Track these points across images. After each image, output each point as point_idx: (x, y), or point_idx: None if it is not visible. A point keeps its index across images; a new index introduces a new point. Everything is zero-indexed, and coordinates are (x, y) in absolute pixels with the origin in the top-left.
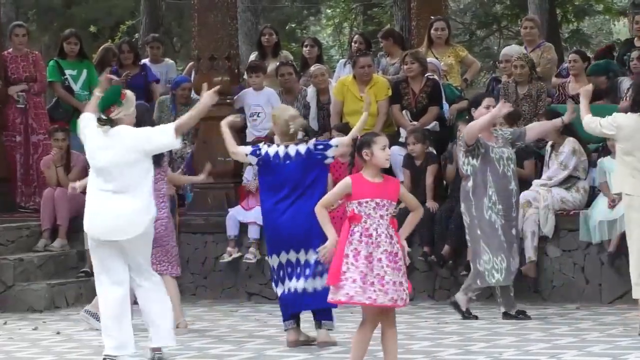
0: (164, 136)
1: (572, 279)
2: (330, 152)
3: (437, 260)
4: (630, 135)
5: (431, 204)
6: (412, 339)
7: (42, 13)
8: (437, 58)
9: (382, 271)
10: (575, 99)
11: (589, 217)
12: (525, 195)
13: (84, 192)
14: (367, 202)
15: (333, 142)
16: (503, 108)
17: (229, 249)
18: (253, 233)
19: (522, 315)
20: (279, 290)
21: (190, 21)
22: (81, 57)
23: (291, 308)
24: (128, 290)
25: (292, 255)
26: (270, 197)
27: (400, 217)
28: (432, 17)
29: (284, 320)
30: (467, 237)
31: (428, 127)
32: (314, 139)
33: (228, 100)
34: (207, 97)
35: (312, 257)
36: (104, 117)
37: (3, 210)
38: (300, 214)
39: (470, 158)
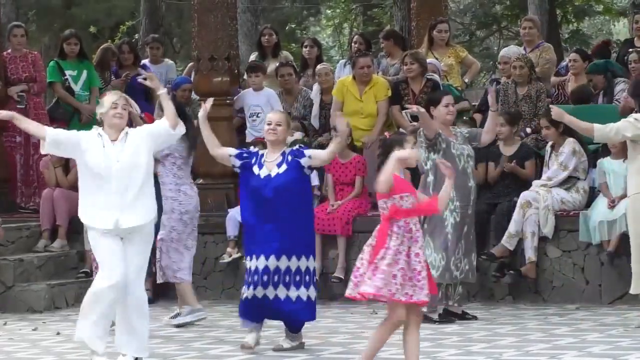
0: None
1: (572, 280)
2: (303, 161)
3: None
4: None
5: None
6: None
7: (42, 14)
8: (437, 59)
9: (419, 266)
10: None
11: (589, 217)
12: (525, 195)
13: None
14: (407, 196)
15: (307, 152)
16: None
17: (228, 249)
18: None
19: (465, 316)
20: (247, 294)
21: (190, 22)
22: (81, 57)
23: (251, 315)
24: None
25: (271, 262)
26: (250, 202)
27: None
28: (434, 19)
29: (242, 320)
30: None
31: (407, 111)
32: (297, 145)
33: (228, 101)
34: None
35: (284, 266)
36: None
37: (3, 210)
38: (279, 224)
39: (431, 153)
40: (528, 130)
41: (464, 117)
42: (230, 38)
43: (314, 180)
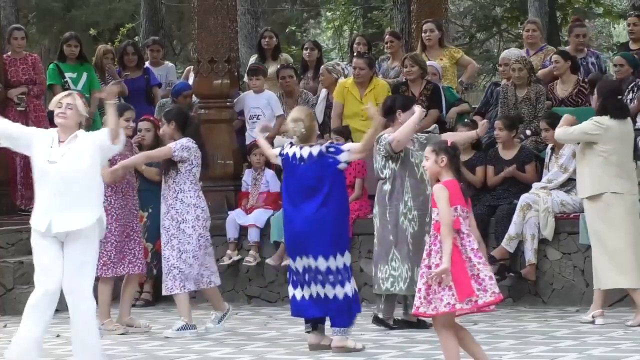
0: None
1: (572, 282)
2: (342, 157)
3: None
4: (617, 136)
5: None
6: (412, 342)
7: (42, 16)
8: (429, 60)
9: (475, 270)
10: (566, 102)
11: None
12: (525, 198)
13: None
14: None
15: (345, 147)
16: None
17: (228, 251)
18: (253, 236)
19: (395, 324)
20: (290, 293)
21: (190, 24)
22: (81, 60)
23: (299, 313)
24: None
25: (308, 261)
26: (287, 200)
27: None
28: (422, 20)
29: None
30: (375, 241)
31: (428, 130)
32: (328, 142)
33: (228, 103)
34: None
35: (323, 265)
36: None
37: (3, 213)
38: (313, 219)
39: (390, 162)
40: (528, 132)
41: (465, 120)
42: (230, 40)
43: None
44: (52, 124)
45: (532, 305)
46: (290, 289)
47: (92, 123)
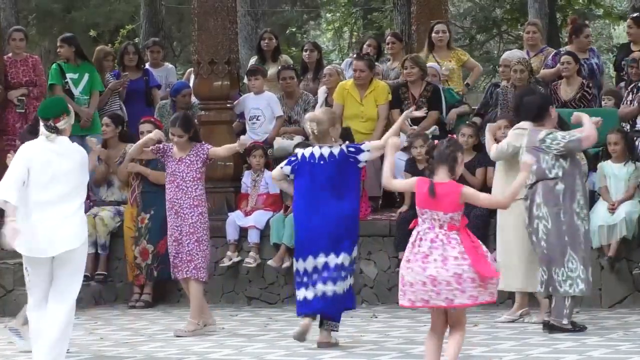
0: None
1: None
2: (362, 157)
3: None
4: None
5: None
6: (412, 343)
7: (42, 18)
8: (438, 62)
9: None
10: (568, 104)
11: (589, 221)
12: None
13: None
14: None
15: (365, 146)
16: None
17: (228, 253)
18: (253, 237)
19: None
20: (300, 295)
21: (190, 25)
22: (84, 61)
23: (305, 312)
24: None
25: (320, 260)
26: (303, 198)
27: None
28: (432, 21)
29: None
30: (543, 244)
31: (428, 131)
32: (346, 142)
33: (228, 105)
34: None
35: (333, 261)
36: (52, 124)
37: (2, 215)
38: (332, 216)
39: (561, 160)
40: None
41: (466, 122)
42: (231, 42)
43: None
44: None
45: (532, 307)
46: (302, 291)
47: (91, 124)
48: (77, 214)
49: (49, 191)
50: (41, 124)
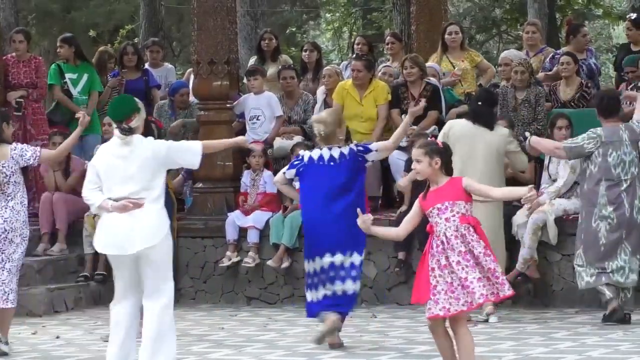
0: (191, 155)
1: (571, 284)
2: (370, 156)
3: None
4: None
5: None
6: (412, 343)
7: (42, 18)
8: (451, 63)
9: (448, 278)
10: (568, 104)
11: None
12: (535, 220)
13: None
14: (431, 210)
15: (373, 146)
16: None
17: (228, 253)
18: (252, 237)
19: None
20: (310, 296)
21: (190, 25)
22: (83, 61)
23: (315, 314)
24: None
25: (327, 260)
26: (311, 201)
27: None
28: (440, 22)
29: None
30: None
31: (427, 131)
32: (354, 142)
33: (228, 105)
34: (239, 139)
35: (347, 260)
36: (125, 126)
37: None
38: (341, 215)
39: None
40: (527, 134)
41: None
42: (230, 42)
43: None
44: (52, 124)
45: (532, 306)
46: (313, 292)
47: (91, 125)
48: (153, 209)
49: (123, 190)
50: (114, 126)
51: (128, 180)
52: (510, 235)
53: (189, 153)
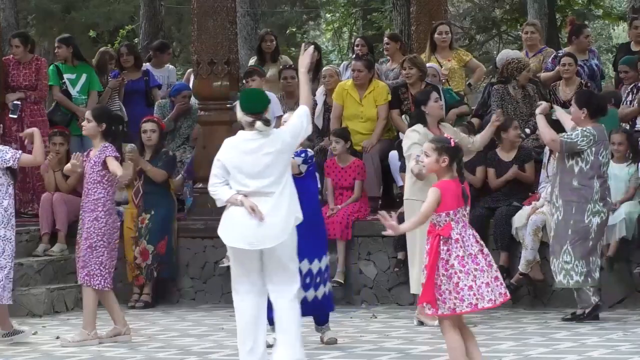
0: (305, 122)
1: None
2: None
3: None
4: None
5: None
6: (412, 344)
7: (42, 18)
8: (439, 62)
9: (455, 278)
10: (567, 105)
11: None
12: (535, 221)
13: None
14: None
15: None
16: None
17: (228, 253)
18: None
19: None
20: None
21: (190, 26)
22: (81, 61)
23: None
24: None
25: (304, 265)
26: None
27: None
28: (434, 22)
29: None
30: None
31: None
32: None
33: (228, 105)
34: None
35: (305, 266)
36: (266, 118)
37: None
38: (313, 222)
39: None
40: (527, 130)
41: (464, 122)
42: (230, 42)
43: None
44: (52, 124)
45: (532, 306)
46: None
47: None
48: (283, 204)
49: (254, 184)
50: (249, 119)
51: (259, 175)
52: (510, 235)
53: (299, 122)
